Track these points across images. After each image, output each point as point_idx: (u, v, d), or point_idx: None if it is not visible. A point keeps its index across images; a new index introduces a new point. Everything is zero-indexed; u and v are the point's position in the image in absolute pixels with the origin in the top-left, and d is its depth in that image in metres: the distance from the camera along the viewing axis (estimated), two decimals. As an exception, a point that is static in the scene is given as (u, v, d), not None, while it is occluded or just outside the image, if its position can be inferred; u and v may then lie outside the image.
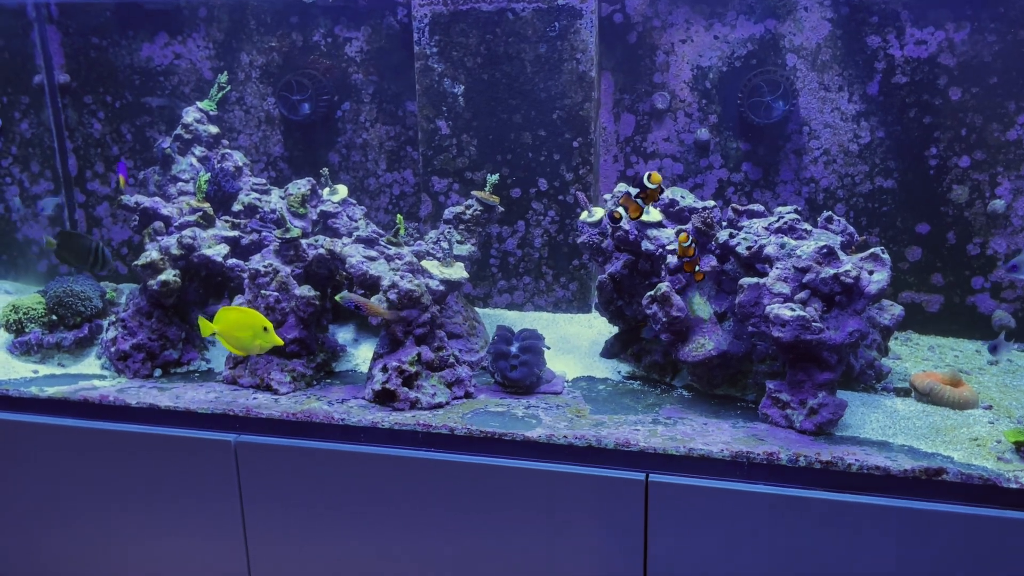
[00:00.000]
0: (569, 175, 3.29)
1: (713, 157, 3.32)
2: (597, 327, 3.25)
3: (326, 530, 2.51)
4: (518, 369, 2.68)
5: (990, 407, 2.53)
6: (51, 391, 2.75)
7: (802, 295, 2.38)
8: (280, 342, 2.54)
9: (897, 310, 2.76)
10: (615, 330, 3.03)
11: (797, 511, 2.16)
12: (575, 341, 3.16)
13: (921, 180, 3.14)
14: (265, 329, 2.49)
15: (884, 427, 2.42)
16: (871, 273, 2.38)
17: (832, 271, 2.35)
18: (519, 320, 3.37)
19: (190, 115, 3.35)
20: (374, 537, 2.48)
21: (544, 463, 2.34)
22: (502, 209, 3.21)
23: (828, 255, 2.38)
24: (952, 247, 3.16)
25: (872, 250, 2.43)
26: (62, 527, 2.73)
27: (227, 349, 2.61)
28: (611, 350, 2.98)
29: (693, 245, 2.54)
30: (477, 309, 3.34)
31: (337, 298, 2.63)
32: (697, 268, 2.57)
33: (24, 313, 3.05)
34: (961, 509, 2.08)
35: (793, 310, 2.32)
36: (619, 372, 2.89)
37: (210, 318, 3.08)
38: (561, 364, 2.93)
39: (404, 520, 2.44)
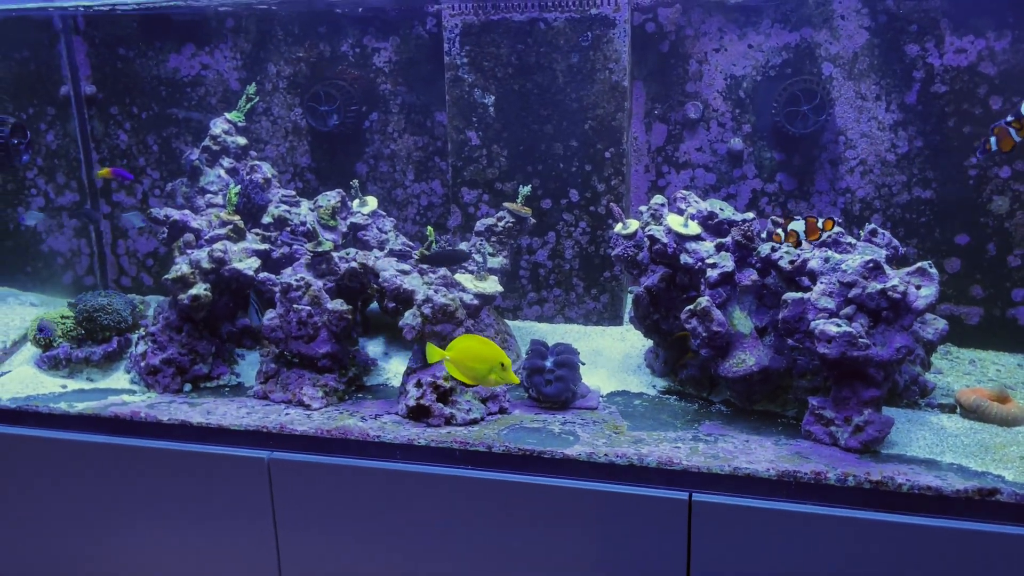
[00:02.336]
0: (601, 186, 3.25)
1: (747, 167, 3.28)
2: (630, 340, 3.21)
3: (361, 549, 2.47)
4: (553, 384, 2.64)
5: (1039, 424, 2.47)
6: (81, 407, 2.72)
7: (848, 310, 2.33)
8: (517, 380, 2.37)
9: (941, 324, 2.70)
10: (648, 343, 2.98)
11: (846, 532, 2.11)
12: (608, 354, 3.11)
13: (960, 190, 3.08)
14: (503, 366, 2.32)
15: (931, 445, 2.36)
16: (918, 288, 2.33)
17: (879, 286, 2.30)
18: (550, 333, 3.33)
19: (218, 126, 3.33)
20: (410, 556, 2.44)
21: (584, 482, 2.29)
22: (533, 221, 3.17)
23: (875, 269, 2.33)
24: (992, 259, 3.10)
25: (920, 264, 2.37)
26: (92, 545, 2.71)
27: (448, 374, 2.44)
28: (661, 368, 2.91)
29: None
30: (507, 321, 3.30)
31: None
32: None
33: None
34: (1016, 530, 2.03)
35: (839, 326, 2.27)
36: (654, 387, 2.84)
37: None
38: (595, 378, 2.89)
39: (440, 539, 2.40)
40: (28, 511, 2.73)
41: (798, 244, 2.49)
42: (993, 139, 2.35)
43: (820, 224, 2.44)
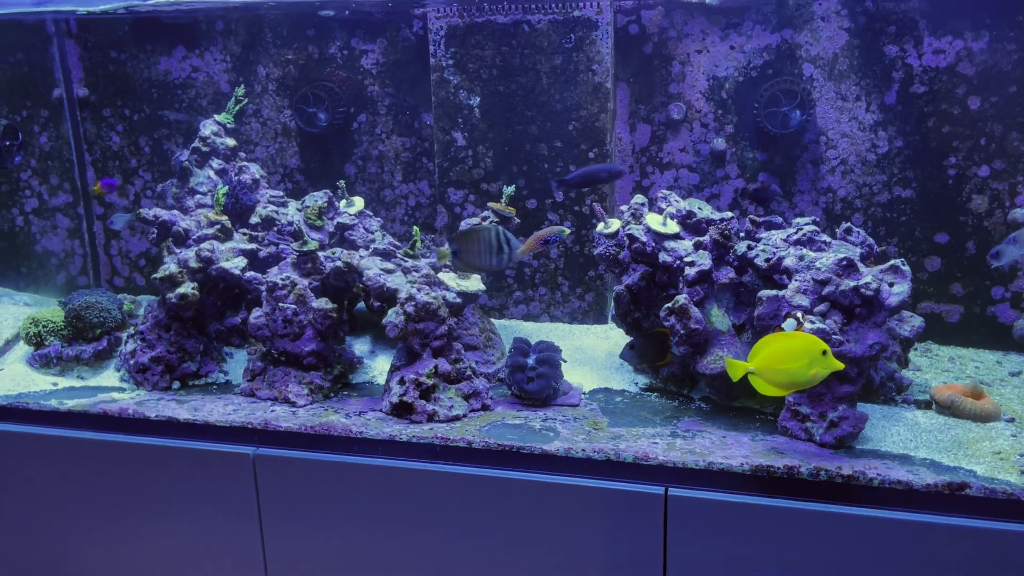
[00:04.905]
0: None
1: (729, 167, 3.31)
2: (613, 338, 3.24)
3: (344, 542, 2.51)
4: (535, 381, 2.68)
5: (1012, 420, 2.50)
6: (70, 404, 2.76)
7: (822, 307, 2.36)
8: (841, 365, 2.14)
9: (917, 321, 2.73)
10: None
11: (818, 526, 2.14)
12: (591, 352, 3.15)
13: (940, 190, 3.11)
14: (824, 352, 2.10)
15: (905, 440, 2.40)
16: (891, 285, 2.37)
17: (852, 283, 2.34)
18: (535, 331, 3.37)
19: (207, 128, 3.37)
20: (392, 550, 2.48)
21: (562, 477, 2.33)
22: (518, 220, 3.21)
23: (848, 267, 2.37)
24: (972, 257, 3.13)
25: (893, 262, 2.41)
26: (81, 540, 2.75)
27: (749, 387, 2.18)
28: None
29: None
30: (493, 320, 3.34)
31: None
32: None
33: (44, 326, 3.08)
34: (984, 524, 2.06)
35: (813, 323, 2.31)
36: (636, 384, 2.88)
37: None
38: (578, 376, 2.93)
39: (422, 533, 2.44)
40: (18, 506, 2.77)
41: None
42: None
43: None
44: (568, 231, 2.68)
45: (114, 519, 2.69)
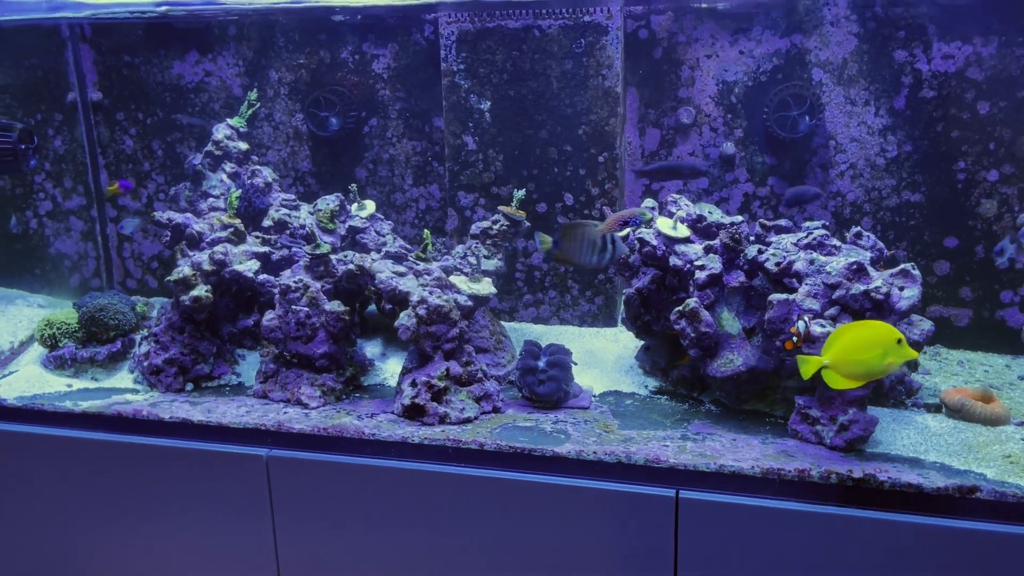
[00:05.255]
0: (595, 190, 3.31)
1: (739, 171, 3.33)
2: (623, 341, 3.26)
3: (356, 544, 2.53)
4: (546, 384, 2.69)
5: (1022, 423, 2.51)
6: (85, 405, 2.79)
7: (832, 311, 2.38)
8: (916, 354, 2.14)
9: (927, 325, 2.74)
10: (641, 344, 3.03)
11: (828, 529, 2.16)
12: (601, 355, 3.16)
13: (949, 194, 3.12)
14: (899, 341, 2.08)
15: (915, 444, 2.40)
16: (901, 289, 2.38)
17: (862, 287, 2.35)
18: (545, 334, 3.38)
19: (220, 132, 3.40)
20: (404, 552, 2.49)
21: (574, 479, 2.34)
22: (528, 224, 3.23)
23: (858, 271, 2.38)
24: (981, 261, 3.14)
25: (903, 266, 2.42)
26: (93, 541, 2.77)
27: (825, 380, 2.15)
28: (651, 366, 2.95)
29: None
30: (503, 323, 3.35)
31: None
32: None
33: (58, 328, 3.11)
34: (995, 527, 2.07)
35: (823, 326, 2.32)
36: (646, 387, 2.89)
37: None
38: (588, 378, 2.94)
39: (433, 535, 2.45)
40: (32, 507, 2.79)
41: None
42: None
43: None
44: (649, 214, 2.63)
45: (127, 520, 2.72)
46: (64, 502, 2.76)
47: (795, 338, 2.32)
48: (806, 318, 2.34)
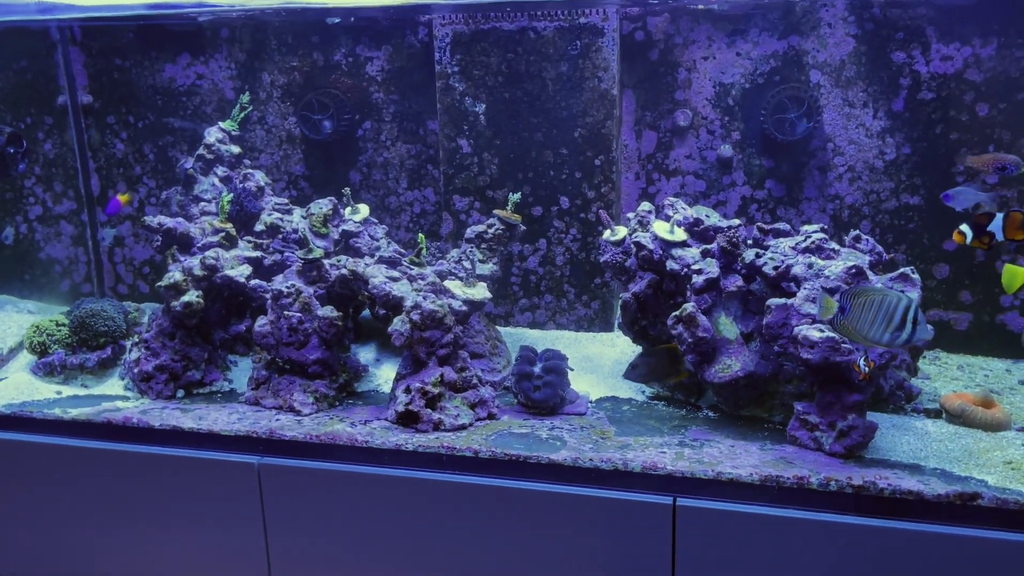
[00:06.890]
0: (591, 193, 3.28)
1: (736, 174, 3.30)
2: (620, 346, 3.23)
3: (349, 552, 2.49)
4: (542, 390, 2.66)
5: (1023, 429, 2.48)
6: (74, 413, 2.75)
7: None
8: None
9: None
10: (638, 349, 3.00)
11: (828, 537, 2.12)
12: (598, 360, 3.13)
13: (948, 197, 3.10)
14: None
15: (915, 450, 2.37)
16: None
17: (861, 292, 2.31)
18: (541, 339, 3.35)
19: (212, 135, 3.36)
20: (397, 560, 2.46)
21: (569, 487, 2.31)
22: (524, 228, 3.20)
23: (857, 275, 2.35)
24: (980, 264, 3.11)
25: (902, 270, 2.40)
26: (84, 549, 2.73)
27: None
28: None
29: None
30: (498, 327, 3.32)
31: None
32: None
33: (48, 334, 3.07)
34: (996, 535, 2.04)
35: (822, 331, 2.29)
36: (643, 393, 2.86)
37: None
38: (584, 384, 2.91)
39: (427, 543, 2.42)
40: (22, 515, 2.75)
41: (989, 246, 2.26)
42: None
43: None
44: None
45: (118, 529, 2.68)
46: (53, 511, 2.72)
47: (867, 369, 2.26)
48: (863, 356, 2.25)
